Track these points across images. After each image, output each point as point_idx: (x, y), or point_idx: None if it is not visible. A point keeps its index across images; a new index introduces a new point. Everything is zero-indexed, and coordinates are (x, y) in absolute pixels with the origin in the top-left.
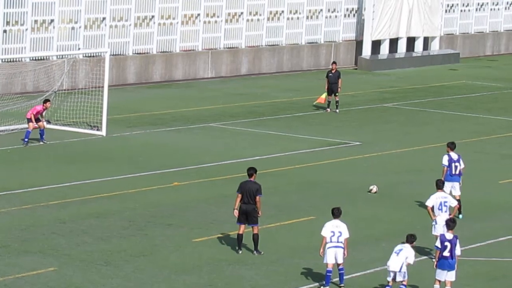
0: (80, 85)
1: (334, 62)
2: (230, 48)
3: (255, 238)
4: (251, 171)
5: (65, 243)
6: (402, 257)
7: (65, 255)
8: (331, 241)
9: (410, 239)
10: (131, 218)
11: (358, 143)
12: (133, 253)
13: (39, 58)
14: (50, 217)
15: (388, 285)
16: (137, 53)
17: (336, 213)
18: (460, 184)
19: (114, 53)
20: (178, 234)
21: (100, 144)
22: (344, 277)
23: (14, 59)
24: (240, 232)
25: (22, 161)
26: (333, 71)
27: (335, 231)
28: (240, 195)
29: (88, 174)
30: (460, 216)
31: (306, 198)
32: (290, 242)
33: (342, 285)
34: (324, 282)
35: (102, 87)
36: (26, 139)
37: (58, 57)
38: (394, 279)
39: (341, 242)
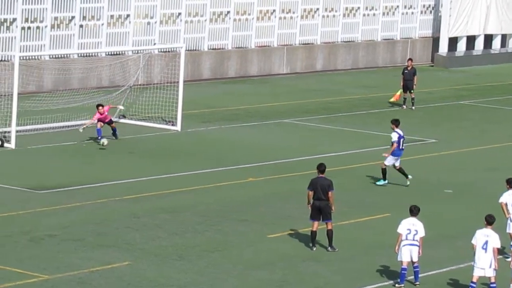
0: (155, 80)
1: (410, 59)
2: (306, 44)
3: (329, 234)
4: (322, 167)
5: (139, 237)
6: (490, 252)
7: (139, 249)
8: (406, 239)
9: (490, 220)
10: (205, 213)
11: (434, 140)
12: (207, 248)
13: (115, 53)
14: (125, 212)
15: (472, 282)
16: (212, 49)
17: (414, 211)
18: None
19: (190, 49)
20: (252, 229)
21: (175, 139)
22: (419, 275)
23: (90, 54)
24: (314, 229)
25: (97, 155)
26: (408, 68)
27: (411, 229)
28: (311, 192)
29: (162, 169)
30: (410, 176)
31: (380, 195)
32: (365, 239)
33: (417, 283)
34: (398, 280)
35: (177, 82)
36: (99, 137)
37: (134, 52)
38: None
39: (417, 240)
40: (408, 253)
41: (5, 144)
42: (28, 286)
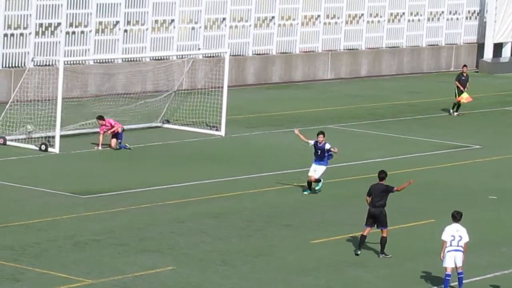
0: (199, 85)
1: (465, 65)
2: (350, 49)
3: (383, 241)
4: (382, 174)
5: (183, 242)
6: None
7: (183, 254)
8: (451, 245)
9: None
10: (249, 218)
11: (478, 146)
12: (251, 253)
13: (159, 58)
14: (169, 216)
15: None
16: (257, 54)
17: (456, 217)
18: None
19: (234, 54)
20: (296, 235)
21: (219, 144)
22: (463, 282)
23: (135, 59)
24: (365, 234)
25: (141, 160)
26: (464, 75)
27: (455, 235)
28: (369, 198)
29: (207, 174)
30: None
31: (425, 201)
32: (410, 245)
33: None
34: (443, 286)
35: (222, 87)
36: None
37: (178, 57)
38: None
39: (461, 246)
40: (452, 259)
41: (49, 149)
42: None
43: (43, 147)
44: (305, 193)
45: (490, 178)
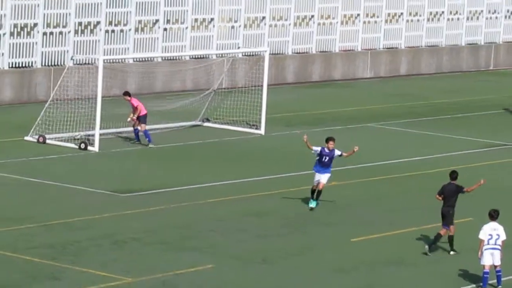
0: (239, 83)
1: None
2: (389, 48)
3: (449, 238)
4: (454, 174)
5: (223, 240)
6: None
7: (222, 253)
8: (488, 243)
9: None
10: (289, 216)
11: None
12: (291, 252)
13: (199, 56)
14: (208, 215)
15: None
16: (296, 53)
17: (494, 215)
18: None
19: (274, 52)
20: (336, 233)
21: (258, 142)
22: (502, 279)
23: (174, 58)
24: (441, 233)
25: (180, 159)
26: None
27: (493, 234)
28: (439, 197)
29: (246, 173)
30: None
31: (463, 199)
32: (448, 244)
33: (499, 287)
34: (481, 284)
35: (261, 86)
36: (147, 139)
37: (218, 55)
38: None
39: (499, 244)
40: (490, 257)
41: (89, 147)
42: None
43: (82, 145)
44: (312, 205)
45: None
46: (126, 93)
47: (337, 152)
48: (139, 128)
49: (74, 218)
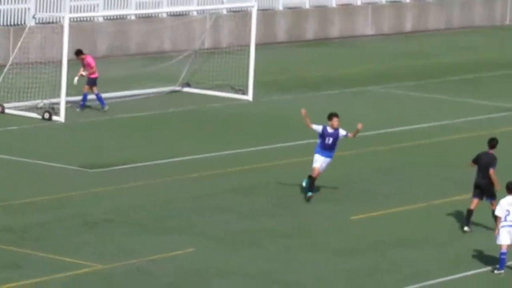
0: (223, 43)
1: None
2: (393, 2)
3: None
4: (493, 142)
5: (205, 221)
6: None
7: (204, 235)
8: (505, 220)
9: None
10: (280, 193)
11: None
12: (282, 233)
13: (178, 13)
14: (188, 192)
15: None
16: (288, 8)
17: (511, 188)
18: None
19: (262, 8)
20: (333, 211)
21: (246, 110)
22: None
23: (150, 15)
24: (471, 208)
25: (157, 129)
26: None
27: (510, 209)
28: (472, 163)
29: (232, 144)
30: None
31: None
32: (460, 221)
33: None
34: (498, 266)
35: (248, 46)
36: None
37: (199, 12)
38: None
39: None
40: (507, 236)
41: (53, 117)
42: (82, 276)
43: (46, 115)
44: (309, 194)
45: None
46: (79, 52)
47: (342, 133)
48: (91, 91)
49: (37, 197)
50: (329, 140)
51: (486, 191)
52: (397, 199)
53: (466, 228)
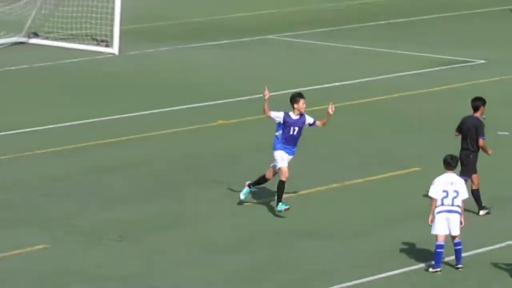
0: None
1: None
2: None
3: (475, 195)
4: (478, 102)
5: (59, 210)
6: None
7: (59, 227)
8: (442, 204)
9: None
10: (155, 173)
11: (482, 61)
12: (157, 224)
13: None
14: (37, 173)
15: None
16: None
17: (451, 163)
18: None
19: None
20: (222, 195)
21: (110, 66)
22: (462, 255)
23: None
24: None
25: (4, 91)
26: None
27: (449, 190)
28: (456, 133)
29: (93, 110)
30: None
31: (409, 140)
32: (384, 206)
33: (459, 265)
34: (433, 263)
35: None
36: None
37: None
38: None
39: (458, 205)
40: (445, 224)
41: None
42: None
43: None
44: (285, 207)
45: (499, 107)
46: None
47: (309, 120)
48: None
49: None
50: (294, 131)
51: (463, 165)
52: (298, 179)
53: (481, 212)
